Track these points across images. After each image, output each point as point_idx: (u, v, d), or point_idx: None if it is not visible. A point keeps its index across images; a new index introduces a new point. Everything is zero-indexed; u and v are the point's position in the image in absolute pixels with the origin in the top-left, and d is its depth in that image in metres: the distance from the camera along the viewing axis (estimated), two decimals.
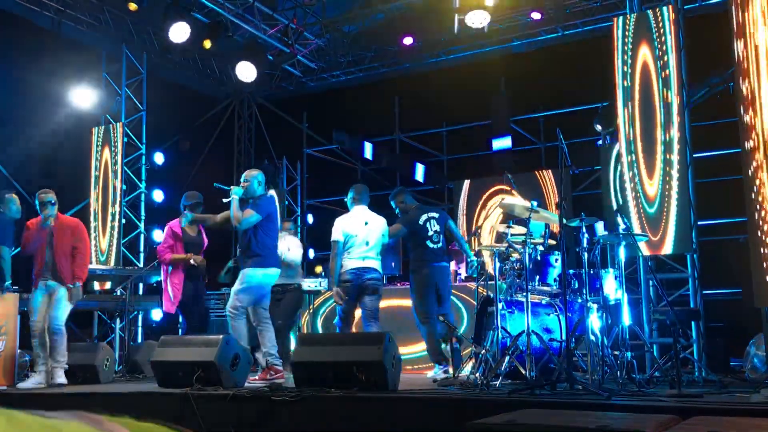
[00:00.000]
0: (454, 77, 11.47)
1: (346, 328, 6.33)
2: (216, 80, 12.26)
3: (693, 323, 6.65)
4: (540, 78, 10.92)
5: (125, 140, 9.86)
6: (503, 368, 4.98)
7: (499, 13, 9.86)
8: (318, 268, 7.43)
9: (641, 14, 7.33)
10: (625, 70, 7.20)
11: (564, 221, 5.08)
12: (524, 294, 5.22)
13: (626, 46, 7.22)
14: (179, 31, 9.08)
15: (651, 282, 7.07)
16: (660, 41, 7.05)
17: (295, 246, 7.37)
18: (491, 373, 5.01)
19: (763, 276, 5.26)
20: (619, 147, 7.26)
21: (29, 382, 6.15)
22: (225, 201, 5.95)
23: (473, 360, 5.71)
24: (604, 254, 5.84)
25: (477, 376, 5.18)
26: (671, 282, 7.33)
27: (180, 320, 9.53)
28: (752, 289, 5.37)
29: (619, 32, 7.28)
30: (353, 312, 6.34)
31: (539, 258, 5.55)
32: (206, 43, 9.56)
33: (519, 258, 5.59)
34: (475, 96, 11.30)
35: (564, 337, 5.07)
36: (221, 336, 5.48)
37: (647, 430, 2.82)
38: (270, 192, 6.24)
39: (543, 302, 5.70)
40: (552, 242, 5.91)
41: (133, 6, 8.97)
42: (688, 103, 7.16)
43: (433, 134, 12.36)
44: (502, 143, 11.13)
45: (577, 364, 5.22)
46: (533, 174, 10.98)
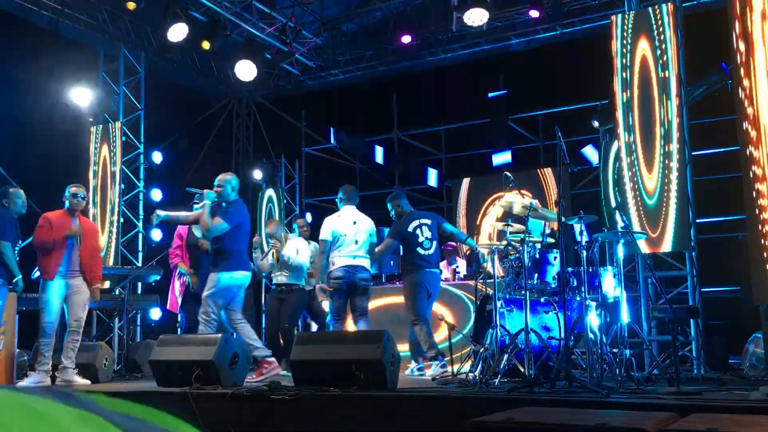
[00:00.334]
0: (453, 75, 11.46)
1: (341, 326, 6.36)
2: (214, 79, 12.24)
3: (692, 321, 6.65)
4: (538, 76, 10.91)
5: (123, 139, 9.84)
6: (502, 366, 4.98)
7: (498, 11, 9.86)
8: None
9: (639, 12, 7.33)
10: (624, 68, 7.19)
11: (563, 219, 5.09)
12: (523, 292, 5.22)
13: (625, 44, 7.22)
14: (177, 31, 9.08)
15: (650, 280, 7.07)
16: (659, 39, 7.05)
17: (304, 249, 7.34)
18: (490, 371, 5.01)
19: (762, 273, 5.26)
20: (618, 144, 7.26)
21: (29, 380, 6.12)
22: (197, 206, 6.00)
23: (472, 358, 5.71)
24: (603, 252, 5.83)
25: (476, 374, 5.18)
26: (670, 280, 7.33)
27: (179, 319, 9.54)
28: (751, 287, 5.37)
29: (618, 30, 7.28)
30: (346, 309, 6.41)
31: (538, 256, 5.55)
32: (205, 44, 9.56)
33: (518, 256, 5.59)
34: (474, 94, 11.29)
35: (563, 335, 5.07)
36: (220, 335, 5.48)
37: (646, 428, 2.82)
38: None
39: (542, 300, 5.69)
40: (550, 240, 5.91)
41: (132, 5, 8.95)
42: (687, 101, 7.15)
43: (432, 132, 12.36)
44: (502, 158, 11.09)
45: (576, 362, 5.23)
46: (535, 171, 10.98)
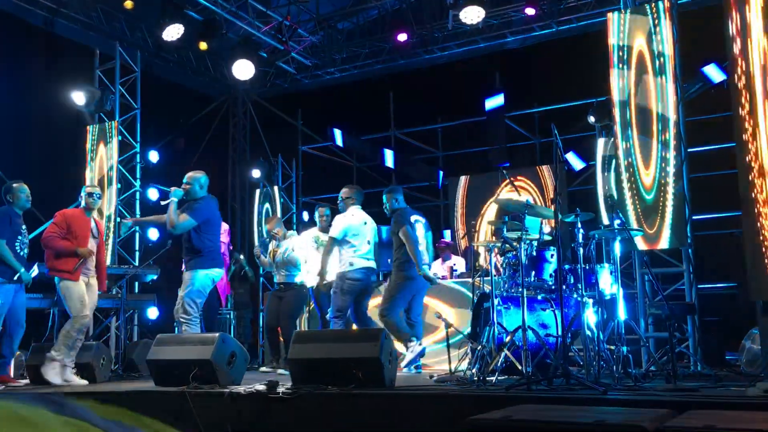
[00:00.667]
0: (449, 73, 11.46)
1: (342, 324, 6.37)
2: (210, 78, 12.22)
3: (688, 317, 6.67)
4: (535, 73, 10.92)
5: (120, 139, 9.82)
6: (500, 364, 4.98)
7: (493, 9, 9.87)
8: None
9: (635, 9, 7.33)
10: (620, 65, 7.19)
11: (559, 216, 5.09)
12: (520, 289, 5.22)
13: (621, 41, 7.22)
14: (172, 30, 9.08)
15: (646, 277, 7.08)
16: (654, 36, 7.05)
17: (299, 246, 7.34)
18: (488, 369, 5.02)
19: (758, 270, 5.27)
20: (615, 141, 7.26)
21: (73, 377, 6.08)
22: (164, 203, 5.97)
23: (470, 356, 5.72)
24: (600, 249, 5.84)
25: (474, 372, 5.19)
26: (666, 276, 7.34)
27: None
28: (747, 283, 5.39)
29: (614, 27, 7.28)
30: (349, 308, 6.40)
31: (535, 253, 5.55)
32: (202, 45, 9.56)
33: (515, 253, 5.59)
34: (470, 91, 11.30)
35: (560, 333, 5.08)
36: (217, 334, 5.48)
37: (643, 425, 2.82)
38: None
39: (539, 298, 5.70)
40: (547, 238, 5.92)
41: (129, 3, 8.93)
42: (683, 98, 7.16)
43: (428, 130, 12.35)
44: (495, 101, 10.89)
45: (573, 359, 5.23)
46: (534, 168, 10.99)
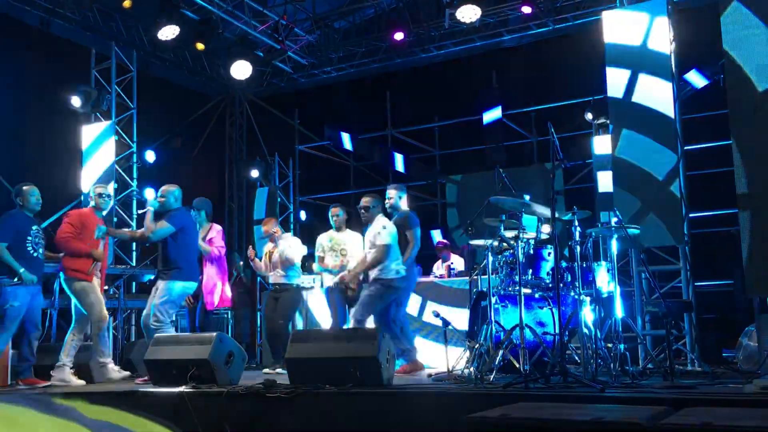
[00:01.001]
0: (446, 72, 11.47)
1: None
2: (207, 77, 12.21)
3: (685, 315, 6.68)
4: (531, 72, 10.92)
5: (116, 138, 9.80)
6: (497, 362, 4.99)
7: (490, 8, 9.87)
8: (314, 266, 7.36)
9: (631, 7, 7.33)
10: (617, 64, 7.18)
11: (556, 215, 5.09)
12: (517, 288, 5.23)
13: (617, 40, 7.21)
14: (168, 30, 9.09)
15: (643, 274, 7.09)
16: (651, 34, 7.05)
17: (296, 246, 7.30)
18: (485, 367, 5.02)
19: (755, 267, 5.29)
20: (611, 139, 7.27)
21: (72, 378, 6.13)
22: (140, 212, 6.04)
23: (467, 354, 5.72)
24: (597, 247, 5.84)
25: (471, 371, 5.19)
26: (663, 274, 7.35)
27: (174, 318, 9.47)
28: (744, 280, 5.40)
29: (610, 25, 7.27)
30: None
31: (532, 252, 5.55)
32: (199, 45, 9.56)
33: (512, 252, 5.59)
34: (467, 90, 11.30)
35: (557, 331, 5.09)
36: (215, 334, 5.48)
37: (641, 422, 2.83)
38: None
39: (536, 296, 5.70)
40: (544, 236, 5.91)
41: (128, 2, 8.92)
42: (679, 95, 7.17)
43: (425, 129, 12.35)
44: (493, 114, 10.97)
45: (571, 357, 5.24)
46: (530, 168, 11.01)
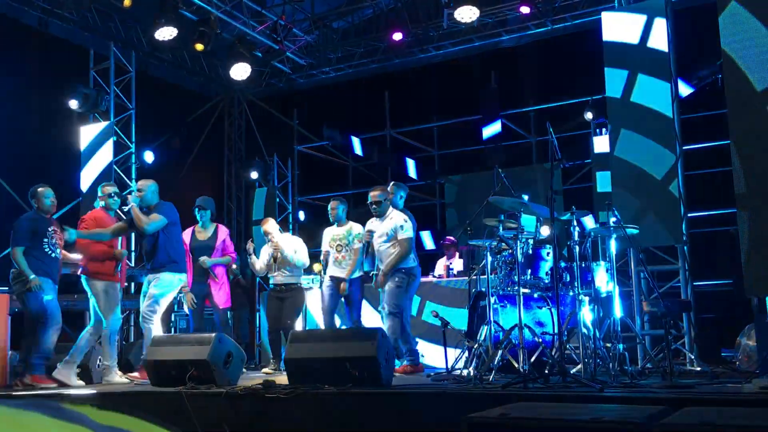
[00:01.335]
0: (444, 72, 11.47)
1: (407, 322, 6.35)
2: (205, 78, 12.21)
3: (684, 315, 6.69)
4: (530, 72, 10.93)
5: (115, 139, 9.80)
6: (496, 362, 4.99)
7: (488, 8, 9.88)
8: (317, 266, 7.33)
9: (630, 7, 7.34)
10: (615, 64, 7.19)
11: (555, 215, 5.09)
12: (516, 288, 5.23)
13: (615, 39, 7.22)
14: (165, 31, 9.10)
15: (642, 274, 7.10)
16: (649, 34, 7.05)
17: (302, 246, 7.24)
18: (484, 367, 5.02)
19: (753, 267, 5.29)
20: (610, 139, 7.27)
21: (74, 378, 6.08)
22: (125, 209, 6.06)
23: (467, 354, 5.72)
24: (596, 247, 5.84)
25: (470, 371, 5.19)
26: (662, 274, 7.36)
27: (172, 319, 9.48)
28: (743, 280, 5.40)
29: (609, 26, 7.28)
30: None
31: (531, 252, 5.55)
32: (198, 46, 9.56)
33: (511, 252, 5.59)
34: (466, 90, 11.30)
35: (556, 331, 5.09)
36: (214, 334, 5.48)
37: (640, 422, 2.83)
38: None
39: (535, 296, 5.70)
40: (543, 236, 5.92)
41: (128, 2, 8.91)
42: (677, 95, 7.17)
43: (424, 129, 12.35)
44: (492, 129, 11.00)
45: (570, 357, 5.24)
46: (529, 168, 11.00)
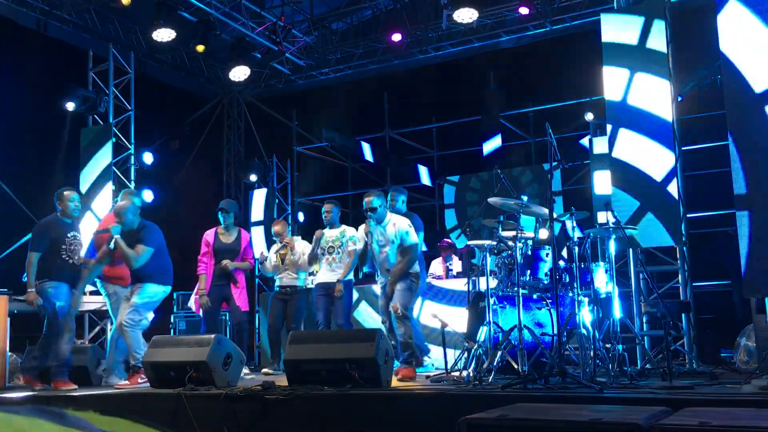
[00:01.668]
0: (444, 73, 11.47)
1: (416, 322, 6.37)
2: (204, 79, 12.21)
3: (683, 315, 6.69)
4: (529, 73, 10.93)
5: (114, 140, 9.80)
6: (496, 363, 4.99)
7: (488, 9, 9.88)
8: (315, 267, 7.31)
9: (628, 8, 7.34)
10: (614, 64, 7.19)
11: (554, 215, 5.10)
12: (515, 289, 5.23)
13: (614, 41, 7.21)
14: (164, 33, 9.11)
15: (641, 275, 7.10)
16: (648, 35, 7.05)
17: (307, 250, 7.18)
18: (484, 368, 5.02)
19: (752, 267, 5.29)
20: (609, 139, 7.27)
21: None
22: (112, 246, 5.95)
23: (466, 355, 5.71)
24: (595, 248, 5.84)
25: (470, 372, 5.19)
26: (661, 275, 7.36)
27: (171, 320, 9.50)
28: (742, 281, 5.41)
29: (608, 27, 7.27)
30: None
31: (530, 253, 5.55)
32: (200, 48, 9.57)
33: (510, 253, 5.59)
34: (465, 91, 11.30)
35: (556, 331, 5.09)
36: (213, 336, 5.48)
37: (639, 422, 2.83)
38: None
39: (534, 297, 5.70)
40: (542, 236, 5.92)
41: (126, 0, 8.91)
42: (676, 96, 7.17)
43: (423, 130, 12.35)
44: (493, 144, 11.02)
45: (569, 358, 5.24)
46: (528, 169, 11.02)
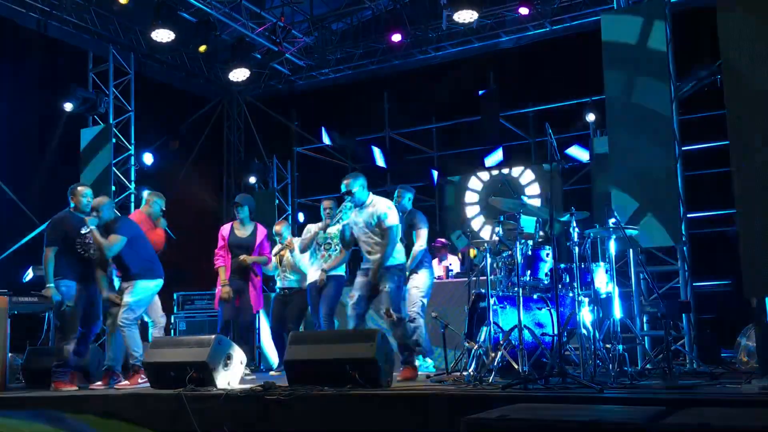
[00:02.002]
0: (444, 73, 11.47)
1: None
2: (204, 79, 12.21)
3: (684, 315, 6.69)
4: (529, 73, 10.93)
5: (114, 141, 9.80)
6: (496, 363, 4.99)
7: (487, 9, 9.89)
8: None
9: (628, 8, 7.35)
10: (614, 65, 7.19)
11: (554, 216, 5.10)
12: (516, 289, 5.23)
13: (614, 41, 7.22)
14: (163, 33, 9.11)
15: (642, 275, 7.10)
16: (648, 35, 7.05)
17: (308, 250, 7.19)
18: (484, 369, 5.02)
19: (753, 267, 5.28)
20: (609, 140, 7.28)
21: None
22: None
23: (466, 356, 5.71)
24: (595, 248, 5.84)
25: (470, 372, 5.19)
26: (662, 275, 7.36)
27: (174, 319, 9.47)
28: (742, 281, 5.40)
29: (608, 27, 7.28)
30: None
31: (530, 253, 5.55)
32: (202, 48, 9.57)
33: (510, 253, 5.59)
34: (465, 92, 11.30)
35: (556, 332, 5.09)
36: (213, 336, 5.47)
37: (640, 423, 2.83)
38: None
39: (535, 297, 5.70)
40: (542, 236, 5.92)
41: None
42: (676, 96, 7.17)
43: (423, 130, 12.35)
44: (495, 158, 11.02)
45: (570, 358, 5.24)
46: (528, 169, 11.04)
